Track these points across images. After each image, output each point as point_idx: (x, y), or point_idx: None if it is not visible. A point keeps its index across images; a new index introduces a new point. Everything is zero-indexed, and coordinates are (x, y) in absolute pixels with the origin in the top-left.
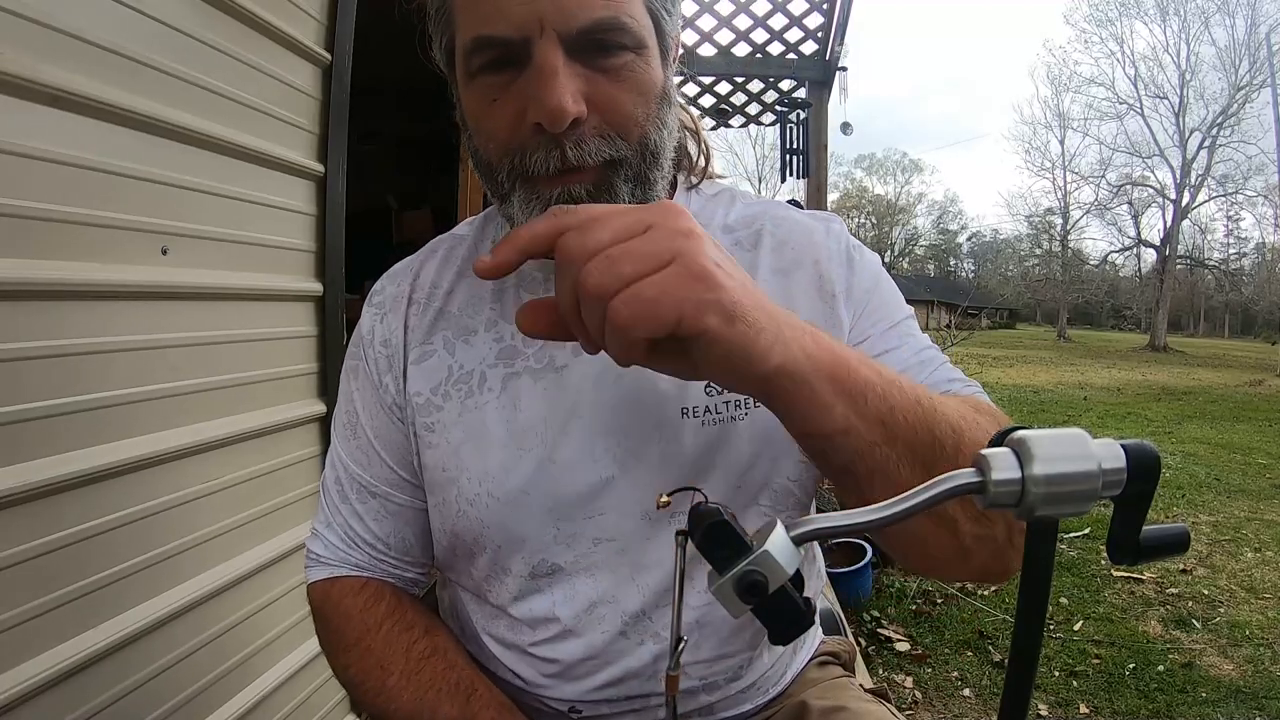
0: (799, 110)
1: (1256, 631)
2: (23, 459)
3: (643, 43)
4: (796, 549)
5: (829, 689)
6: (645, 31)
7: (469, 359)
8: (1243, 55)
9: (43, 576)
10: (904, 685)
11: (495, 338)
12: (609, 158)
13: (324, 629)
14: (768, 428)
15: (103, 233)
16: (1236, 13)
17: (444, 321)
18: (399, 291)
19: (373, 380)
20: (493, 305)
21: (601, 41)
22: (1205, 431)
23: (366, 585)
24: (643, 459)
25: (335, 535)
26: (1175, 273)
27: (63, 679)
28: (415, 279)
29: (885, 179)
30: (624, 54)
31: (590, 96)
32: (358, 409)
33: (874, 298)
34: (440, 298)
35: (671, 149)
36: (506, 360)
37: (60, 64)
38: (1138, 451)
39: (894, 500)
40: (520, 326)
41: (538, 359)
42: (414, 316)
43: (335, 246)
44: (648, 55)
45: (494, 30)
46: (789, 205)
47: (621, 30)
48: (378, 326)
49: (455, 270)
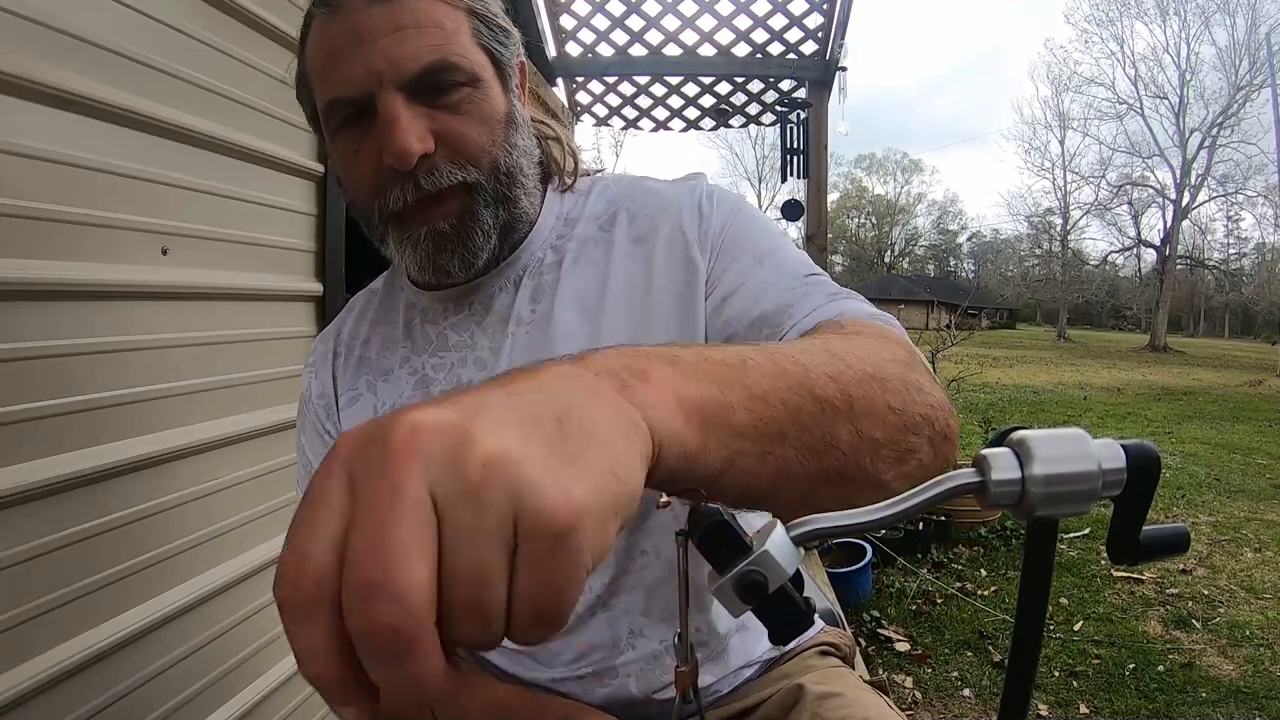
0: (799, 110)
1: (1256, 631)
2: (23, 459)
3: (477, 77)
4: (796, 549)
5: (827, 675)
6: (478, 67)
7: (389, 395)
8: (1243, 55)
9: (43, 576)
10: (904, 685)
11: (410, 371)
12: (461, 181)
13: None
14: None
15: (103, 233)
16: (1236, 13)
17: (364, 366)
18: (326, 349)
19: (318, 430)
20: (404, 344)
21: (437, 82)
22: (1205, 431)
23: None
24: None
25: None
26: (1175, 273)
27: (63, 679)
28: (338, 335)
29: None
30: (461, 89)
31: (437, 132)
32: (311, 460)
33: (729, 233)
34: (359, 346)
35: (530, 166)
36: (423, 389)
37: (60, 64)
38: (1138, 451)
39: (894, 500)
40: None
41: (448, 380)
42: (339, 368)
43: (335, 246)
44: (485, 87)
45: (340, 92)
46: (648, 179)
47: (453, 69)
48: (313, 382)
49: (369, 320)
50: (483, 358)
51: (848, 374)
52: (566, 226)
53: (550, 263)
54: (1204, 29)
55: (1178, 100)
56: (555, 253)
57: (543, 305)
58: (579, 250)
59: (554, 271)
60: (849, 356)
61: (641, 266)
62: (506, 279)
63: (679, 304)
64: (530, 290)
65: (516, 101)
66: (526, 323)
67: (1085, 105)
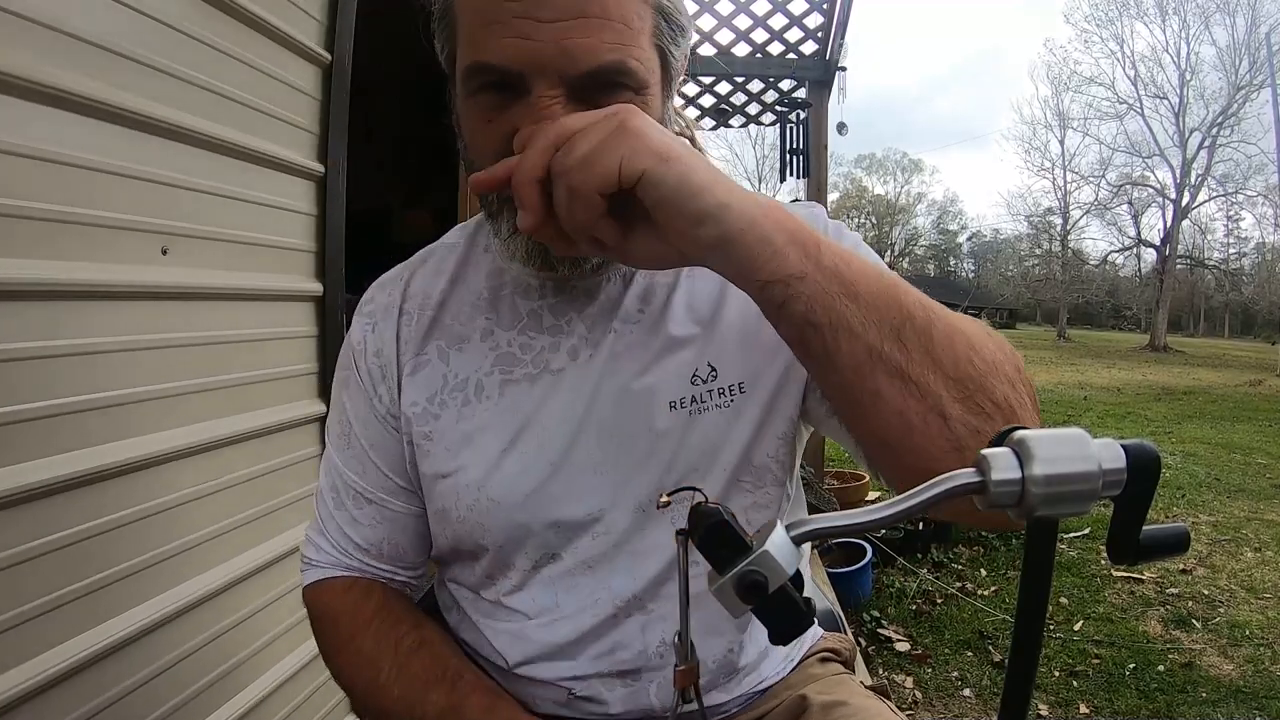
0: (799, 110)
1: (1256, 631)
2: (23, 459)
3: (645, 84)
4: (796, 549)
5: (830, 684)
6: (649, 72)
7: (464, 367)
8: (1243, 55)
9: (43, 577)
10: (904, 685)
11: (491, 346)
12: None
13: (319, 633)
14: (751, 410)
15: (103, 233)
16: (1236, 12)
17: (437, 331)
18: (389, 301)
19: (365, 391)
20: (488, 315)
21: (604, 84)
22: (1205, 431)
23: (355, 583)
24: (635, 454)
25: (328, 541)
26: (1175, 273)
27: (63, 679)
28: (406, 288)
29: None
30: (625, 93)
31: None
32: (350, 418)
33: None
34: (433, 307)
35: None
36: (504, 368)
37: (60, 64)
38: (1138, 451)
39: (893, 500)
40: (474, 188)
41: (535, 364)
42: (405, 327)
43: (335, 246)
44: (649, 94)
45: (494, 60)
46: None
47: (628, 74)
48: (369, 336)
49: (447, 278)
50: (577, 347)
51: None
52: None
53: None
54: (1204, 29)
55: (1178, 100)
56: None
57: (653, 307)
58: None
59: (669, 275)
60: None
61: None
62: (616, 269)
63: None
64: (641, 289)
65: (670, 104)
66: (633, 321)
67: (1085, 105)
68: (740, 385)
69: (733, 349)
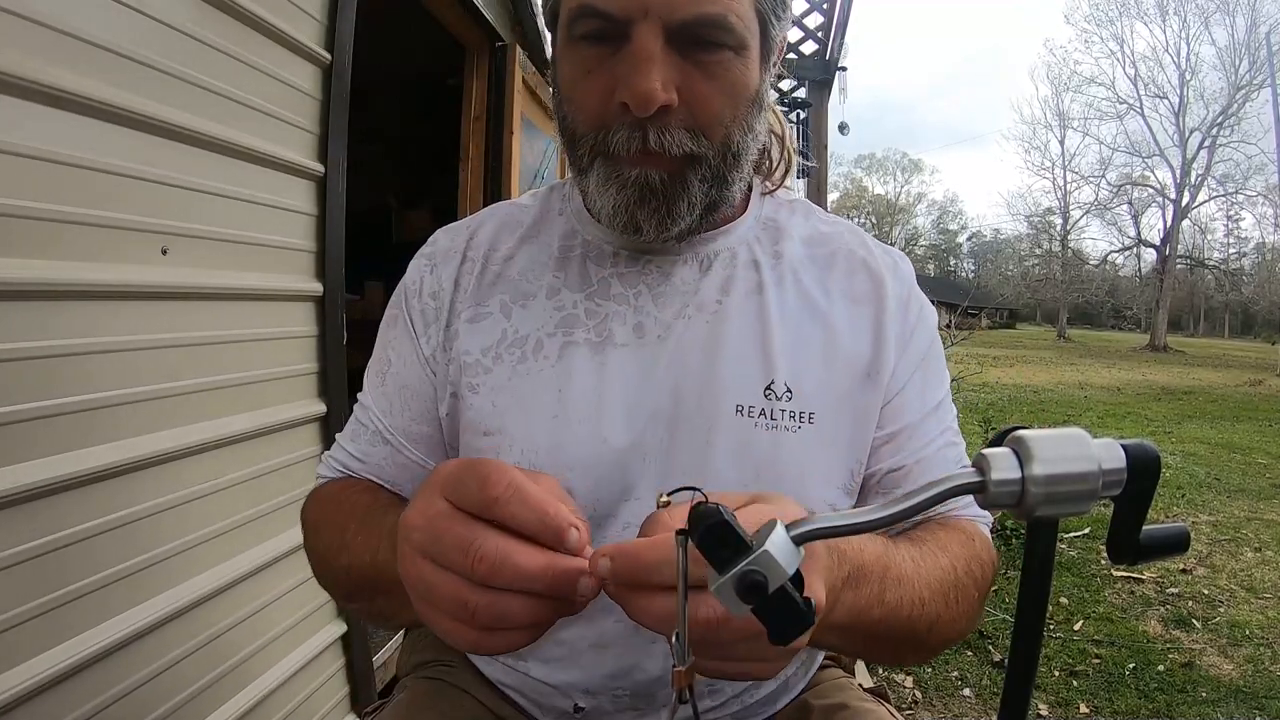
0: (799, 110)
1: (1256, 631)
2: (22, 459)
3: (744, 43)
4: (796, 549)
5: (829, 688)
6: (749, 33)
7: (525, 324)
8: (1243, 55)
9: (44, 576)
10: (904, 685)
11: (556, 305)
12: (689, 151)
13: (306, 531)
14: (820, 448)
15: (103, 233)
16: (1236, 13)
17: (502, 285)
18: (453, 246)
19: (410, 332)
20: (556, 273)
21: (703, 36)
22: (1205, 431)
23: (349, 478)
24: (688, 447)
25: (335, 461)
26: (1175, 273)
27: (63, 679)
28: (471, 237)
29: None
30: (723, 51)
31: (681, 88)
32: (390, 358)
33: (926, 366)
34: (499, 261)
35: (754, 153)
36: (565, 329)
37: (60, 64)
38: (1138, 451)
39: (894, 500)
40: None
41: (597, 332)
42: (466, 274)
43: (335, 246)
44: (747, 56)
45: (602, 4)
46: (863, 232)
47: (725, 29)
48: (426, 278)
49: (518, 236)
50: (645, 325)
51: (942, 625)
52: (766, 232)
53: (745, 261)
54: (1204, 29)
55: (1178, 100)
56: (764, 255)
57: (731, 300)
58: (794, 271)
59: (752, 273)
60: (957, 606)
61: (847, 325)
62: (695, 254)
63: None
64: (721, 279)
65: (767, 80)
66: (709, 311)
67: (1085, 105)
68: (811, 415)
69: (815, 380)
